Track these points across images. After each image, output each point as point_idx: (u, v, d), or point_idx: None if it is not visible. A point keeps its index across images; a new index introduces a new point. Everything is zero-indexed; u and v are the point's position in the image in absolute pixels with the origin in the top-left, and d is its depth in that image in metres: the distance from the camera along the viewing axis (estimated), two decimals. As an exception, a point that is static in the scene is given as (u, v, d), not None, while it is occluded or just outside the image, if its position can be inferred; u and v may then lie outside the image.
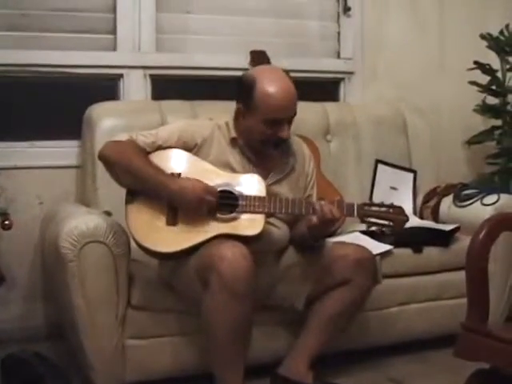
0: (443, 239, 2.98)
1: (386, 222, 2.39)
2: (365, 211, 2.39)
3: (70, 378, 2.43)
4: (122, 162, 2.37)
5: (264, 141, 2.43)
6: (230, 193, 2.38)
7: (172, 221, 2.36)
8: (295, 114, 2.44)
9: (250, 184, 2.40)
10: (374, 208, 2.40)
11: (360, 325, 2.73)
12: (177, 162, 2.42)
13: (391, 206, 2.41)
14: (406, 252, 2.92)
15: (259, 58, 3.05)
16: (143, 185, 2.36)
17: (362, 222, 2.42)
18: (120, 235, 2.44)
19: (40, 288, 3.08)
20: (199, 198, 2.31)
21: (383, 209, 2.40)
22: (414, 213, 3.33)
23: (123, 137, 2.43)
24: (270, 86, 2.38)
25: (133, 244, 2.44)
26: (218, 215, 2.36)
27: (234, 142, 2.49)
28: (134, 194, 2.39)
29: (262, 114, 2.38)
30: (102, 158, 2.43)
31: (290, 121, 2.43)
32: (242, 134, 2.48)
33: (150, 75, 3.28)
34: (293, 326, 2.62)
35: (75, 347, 2.62)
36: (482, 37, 3.59)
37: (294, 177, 2.57)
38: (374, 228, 2.73)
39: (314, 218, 2.38)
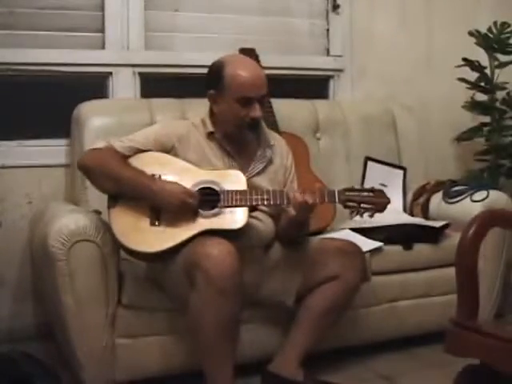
0: (433, 236, 2.98)
1: (368, 206, 2.40)
2: (346, 196, 2.40)
3: (60, 378, 2.41)
4: (101, 168, 2.40)
5: (239, 124, 2.45)
6: (211, 189, 2.39)
7: (155, 221, 2.37)
8: (266, 94, 2.47)
9: (231, 179, 2.42)
10: (355, 193, 2.41)
11: (350, 322, 2.73)
12: (155, 164, 2.44)
13: (372, 189, 2.43)
14: (395, 249, 2.92)
15: (248, 55, 3.05)
16: (124, 188, 2.37)
17: (345, 207, 2.43)
18: (109, 234, 2.42)
19: (29, 287, 3.06)
20: (181, 200, 2.33)
21: (364, 193, 2.42)
22: (404, 210, 3.34)
23: (100, 144, 2.46)
24: (239, 66, 2.45)
25: (122, 242, 2.43)
26: (201, 212, 2.37)
27: (211, 136, 2.51)
28: (116, 198, 2.40)
29: (233, 93, 2.42)
30: (81, 167, 2.47)
31: (260, 100, 2.45)
32: (218, 124, 2.51)
33: (139, 73, 3.27)
34: (283, 323, 2.62)
35: (65, 346, 2.61)
36: (471, 34, 3.60)
37: (273, 169, 2.58)
38: (356, 213, 2.72)
39: (291, 208, 2.39)
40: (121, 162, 2.40)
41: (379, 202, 2.40)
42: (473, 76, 3.65)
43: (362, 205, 2.39)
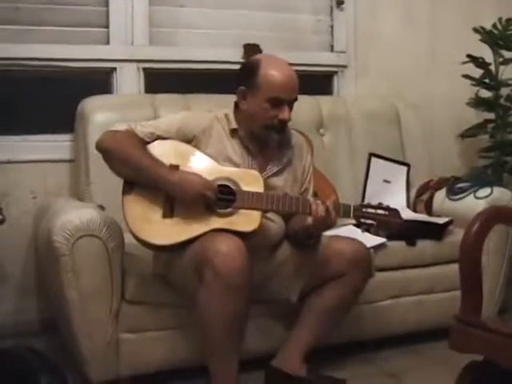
0: (437, 232, 2.99)
1: (381, 225, 2.40)
2: (361, 213, 2.40)
3: (64, 373, 2.41)
4: (119, 153, 2.35)
5: (267, 125, 2.43)
6: (228, 187, 2.38)
7: (168, 213, 2.35)
8: (296, 98, 2.46)
9: (248, 179, 2.39)
10: (370, 210, 2.40)
11: (353, 318, 2.73)
12: (175, 153, 2.41)
13: (387, 208, 2.41)
14: (399, 245, 2.93)
15: (253, 51, 3.05)
16: (141, 176, 2.34)
17: (358, 222, 2.43)
18: (114, 229, 2.43)
19: (33, 282, 3.07)
20: (199, 192, 2.30)
21: (379, 211, 2.40)
22: (408, 206, 3.34)
23: (121, 126, 2.41)
24: (274, 66, 2.43)
25: (127, 237, 2.44)
26: (215, 209, 2.34)
27: (233, 133, 2.49)
28: (132, 185, 2.38)
29: (265, 92, 2.39)
30: (100, 148, 2.41)
31: (290, 104, 2.44)
32: (244, 122, 2.48)
33: (143, 69, 3.27)
34: (287, 319, 2.63)
35: (69, 341, 2.62)
36: (476, 30, 3.60)
37: (292, 170, 2.57)
38: (369, 229, 2.72)
39: (309, 218, 2.37)
40: (140, 149, 2.36)
41: (393, 221, 2.40)
42: (477, 73, 3.64)
43: (375, 223, 2.39)
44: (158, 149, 2.40)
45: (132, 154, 2.33)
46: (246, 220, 2.34)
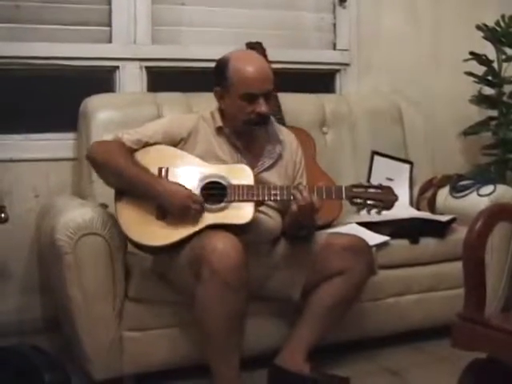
0: (440, 230, 2.98)
1: (375, 203, 2.39)
2: (353, 193, 2.39)
3: (67, 371, 2.42)
4: (108, 164, 2.39)
5: (246, 120, 2.43)
6: (218, 183, 2.38)
7: (162, 214, 2.36)
8: (271, 89, 2.45)
9: (238, 173, 2.40)
10: (363, 189, 2.40)
11: (356, 315, 2.73)
12: (163, 157, 2.43)
13: (380, 186, 2.41)
14: (402, 243, 2.92)
15: (255, 49, 3.05)
16: (129, 186, 2.37)
17: (352, 203, 2.42)
18: (116, 227, 2.43)
19: (36, 281, 3.07)
20: (184, 204, 2.32)
21: (372, 190, 2.40)
22: (411, 204, 3.34)
23: (109, 136, 2.45)
24: (243, 62, 2.43)
25: (129, 236, 2.44)
26: (208, 206, 2.36)
27: (220, 131, 2.50)
28: (123, 191, 2.40)
29: (237, 89, 2.40)
30: (89, 158, 2.47)
31: (266, 96, 2.43)
32: (227, 120, 2.49)
33: (146, 67, 3.27)
34: (289, 317, 2.63)
35: (72, 340, 2.62)
36: (478, 27, 3.59)
37: (283, 165, 2.57)
38: (364, 209, 2.70)
39: (294, 205, 2.37)
40: (127, 158, 2.39)
41: (387, 199, 2.39)
42: (480, 70, 3.64)
43: (369, 201, 2.38)
44: (145, 155, 2.43)
45: (118, 164, 2.36)
46: (239, 213, 2.35)
